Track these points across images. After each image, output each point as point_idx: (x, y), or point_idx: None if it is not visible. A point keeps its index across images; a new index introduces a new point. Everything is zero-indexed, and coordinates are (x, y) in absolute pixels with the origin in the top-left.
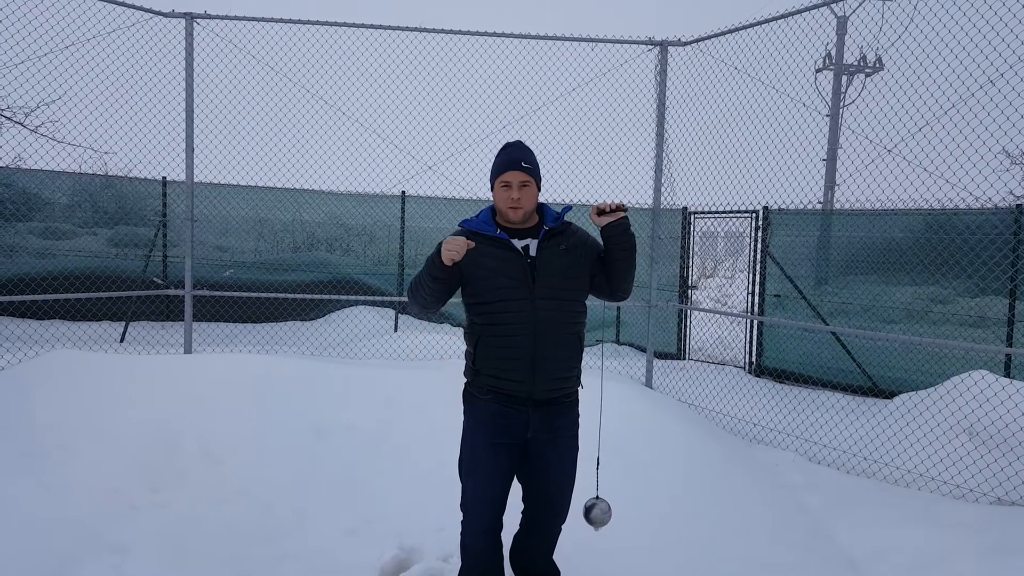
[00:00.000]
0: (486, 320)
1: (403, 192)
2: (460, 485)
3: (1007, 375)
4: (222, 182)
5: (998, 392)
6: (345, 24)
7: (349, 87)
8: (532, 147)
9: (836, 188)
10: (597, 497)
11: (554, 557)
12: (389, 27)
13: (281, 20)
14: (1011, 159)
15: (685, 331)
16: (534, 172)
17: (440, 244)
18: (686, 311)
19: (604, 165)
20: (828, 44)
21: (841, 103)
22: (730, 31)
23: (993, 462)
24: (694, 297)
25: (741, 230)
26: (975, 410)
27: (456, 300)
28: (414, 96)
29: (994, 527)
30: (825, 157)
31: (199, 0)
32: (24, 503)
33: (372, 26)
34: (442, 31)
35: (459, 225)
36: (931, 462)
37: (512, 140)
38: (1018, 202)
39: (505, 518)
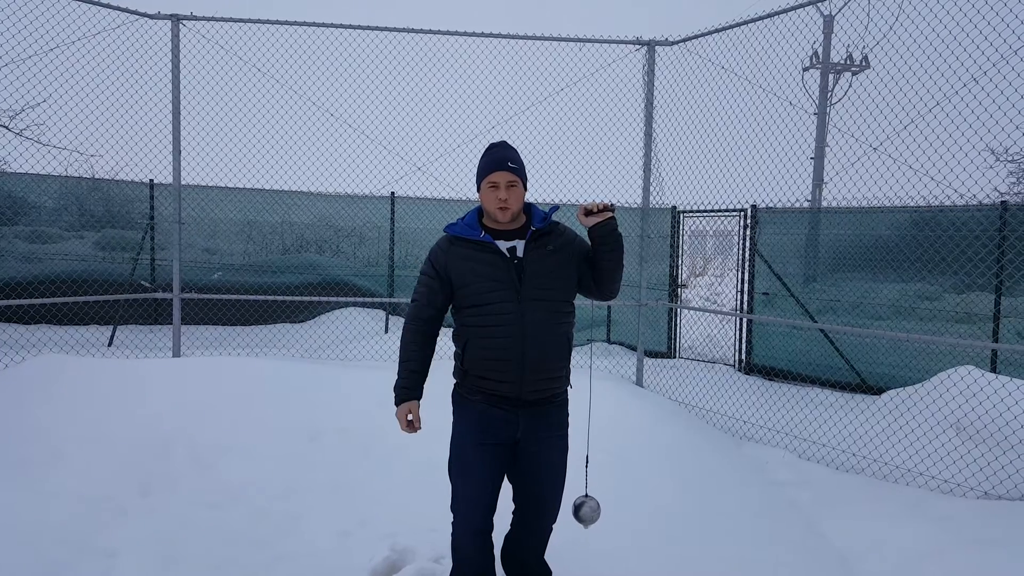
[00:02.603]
0: (474, 322)
1: (392, 193)
2: (451, 486)
3: (993, 370)
4: (210, 184)
5: (984, 387)
6: (332, 25)
7: (337, 88)
8: (520, 147)
9: (823, 186)
10: (586, 495)
11: (545, 557)
12: (376, 28)
13: (267, 21)
14: (996, 156)
15: (675, 330)
16: (520, 172)
17: (399, 402)
18: (676, 310)
19: (592, 165)
20: (815, 43)
21: (828, 101)
22: (717, 30)
23: (980, 457)
24: (684, 296)
25: (730, 229)
26: (962, 405)
27: None
28: (402, 97)
29: (982, 521)
30: (812, 155)
31: (185, 2)
32: (13, 509)
33: (359, 27)
34: (429, 31)
35: (444, 230)
36: (919, 457)
37: (496, 141)
38: (1003, 199)
39: (497, 519)
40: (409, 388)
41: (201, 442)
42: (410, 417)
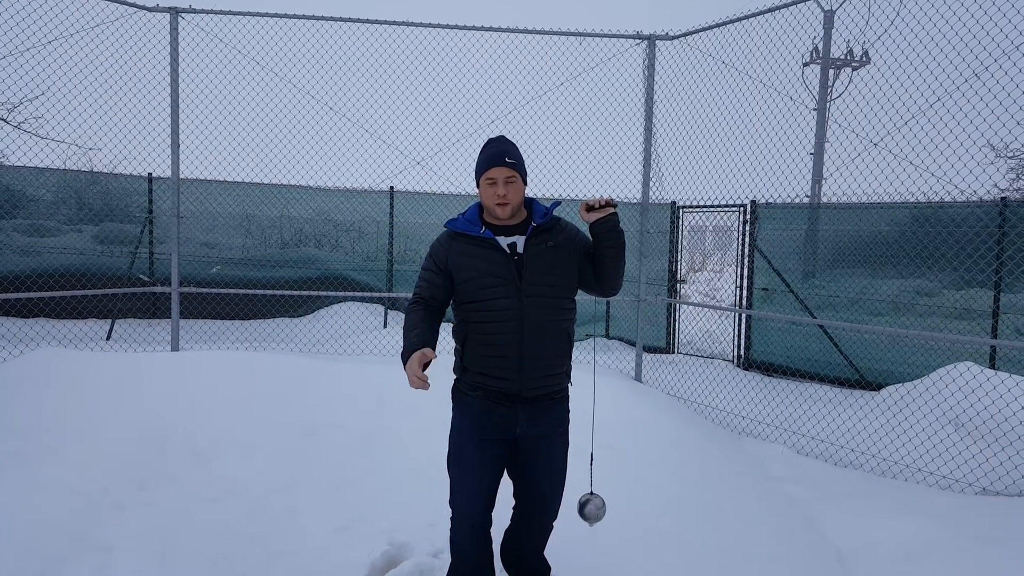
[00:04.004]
0: (474, 318)
1: (391, 187)
2: (449, 481)
3: (992, 366)
4: (208, 178)
5: (983, 383)
6: (332, 19)
7: (336, 82)
8: (520, 142)
9: (823, 182)
10: (591, 493)
11: (545, 552)
12: (376, 21)
13: (267, 14)
14: (996, 152)
15: (674, 325)
16: (519, 167)
17: (410, 357)
18: (675, 305)
19: (593, 160)
20: (815, 38)
21: (828, 97)
22: (718, 25)
23: (979, 452)
24: (683, 291)
25: (729, 224)
26: (960, 401)
27: None
28: (401, 91)
29: (980, 517)
30: (812, 151)
31: None
32: (10, 503)
33: (359, 20)
34: (429, 25)
35: (444, 225)
36: (917, 453)
37: (495, 135)
38: (1002, 195)
39: (496, 514)
40: (418, 343)
41: (199, 436)
42: (421, 368)
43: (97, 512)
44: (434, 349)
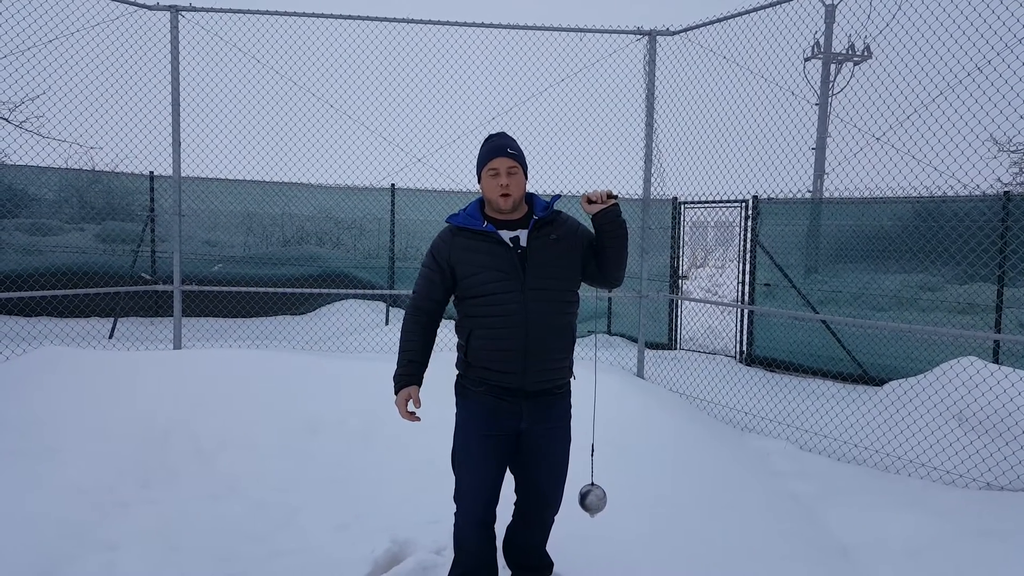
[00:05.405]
0: (477, 313)
1: (392, 185)
2: (453, 477)
3: (996, 361)
4: (210, 176)
5: (987, 378)
6: (332, 16)
7: (337, 79)
8: (520, 138)
9: (825, 177)
10: (592, 484)
11: (547, 547)
12: (377, 18)
13: (267, 12)
14: (999, 146)
15: (676, 321)
16: (520, 159)
17: (398, 389)
18: (677, 301)
19: (594, 156)
20: (816, 32)
21: (830, 92)
22: (719, 20)
23: (983, 447)
24: (685, 287)
25: (731, 220)
26: (964, 396)
27: None
28: (402, 88)
29: (984, 512)
30: (814, 146)
31: None
32: (14, 501)
33: (360, 17)
34: (429, 22)
35: (446, 221)
36: (921, 448)
37: (495, 132)
38: (1005, 189)
39: (499, 509)
40: (409, 375)
41: (201, 434)
42: (410, 405)
43: (101, 510)
44: (427, 364)
